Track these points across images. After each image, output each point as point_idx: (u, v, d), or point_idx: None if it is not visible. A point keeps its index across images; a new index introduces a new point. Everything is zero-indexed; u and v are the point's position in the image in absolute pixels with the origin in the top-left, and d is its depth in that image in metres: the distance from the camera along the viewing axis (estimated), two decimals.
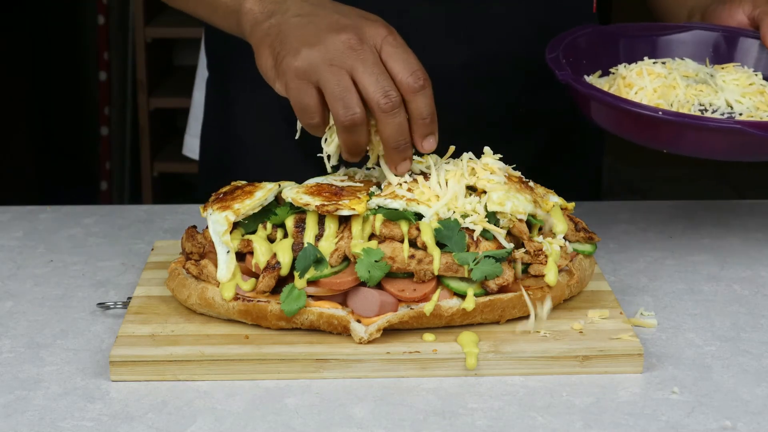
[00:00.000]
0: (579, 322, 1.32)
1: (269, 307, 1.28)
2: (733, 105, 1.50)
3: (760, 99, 1.52)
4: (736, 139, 1.39)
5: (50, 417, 1.18)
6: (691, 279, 1.51)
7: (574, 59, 1.53)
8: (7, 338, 1.34)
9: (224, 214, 1.32)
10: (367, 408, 1.20)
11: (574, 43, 1.55)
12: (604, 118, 1.47)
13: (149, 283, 1.41)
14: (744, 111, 1.50)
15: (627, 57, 1.60)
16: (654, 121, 1.40)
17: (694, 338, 1.35)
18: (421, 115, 1.27)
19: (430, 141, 1.29)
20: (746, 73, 1.56)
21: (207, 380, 1.25)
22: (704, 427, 1.17)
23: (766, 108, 1.51)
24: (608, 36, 1.62)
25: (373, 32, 1.28)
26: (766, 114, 1.49)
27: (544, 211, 1.37)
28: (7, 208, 1.73)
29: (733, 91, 1.52)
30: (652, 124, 1.40)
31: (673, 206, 1.76)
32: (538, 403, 1.21)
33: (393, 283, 1.29)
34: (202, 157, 1.87)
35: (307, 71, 1.26)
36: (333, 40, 1.27)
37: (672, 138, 1.42)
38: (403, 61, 1.27)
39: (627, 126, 1.45)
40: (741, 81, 1.54)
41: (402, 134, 1.27)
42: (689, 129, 1.39)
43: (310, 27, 1.29)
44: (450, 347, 1.26)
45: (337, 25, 1.28)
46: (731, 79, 1.55)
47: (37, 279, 1.50)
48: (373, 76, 1.25)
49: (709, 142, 1.41)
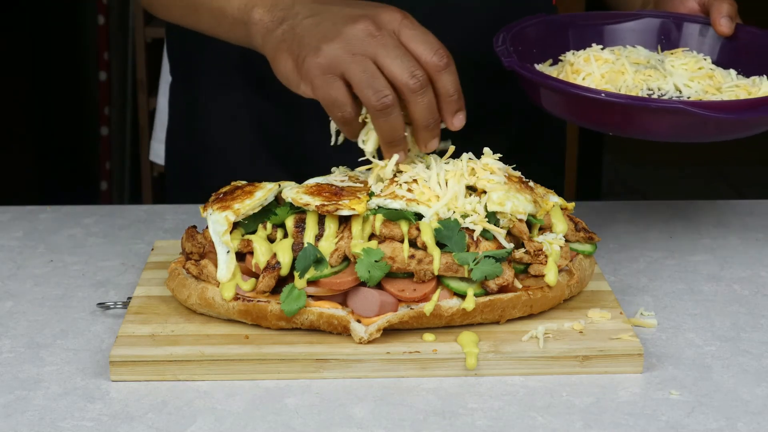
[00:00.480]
0: (579, 322, 1.32)
1: (269, 307, 1.28)
2: (682, 89, 1.50)
3: (708, 83, 1.52)
4: (680, 119, 1.38)
5: (50, 417, 1.18)
6: (691, 279, 1.51)
7: (524, 48, 1.53)
8: (7, 338, 1.34)
9: (224, 214, 1.32)
10: (367, 408, 1.20)
11: (523, 33, 1.55)
12: (551, 103, 1.47)
13: (149, 283, 1.41)
14: (692, 94, 1.50)
15: (576, 45, 1.61)
16: (598, 103, 1.39)
17: (694, 338, 1.35)
18: (449, 93, 1.28)
19: (460, 117, 1.30)
20: (695, 58, 1.57)
21: (207, 380, 1.25)
22: (704, 427, 1.17)
23: (714, 91, 1.50)
24: (558, 25, 1.62)
25: (388, 17, 1.29)
26: (713, 97, 1.49)
27: (544, 211, 1.37)
28: (7, 208, 1.73)
29: (681, 76, 1.52)
30: (597, 106, 1.40)
31: (673, 206, 1.76)
32: (538, 403, 1.21)
33: (393, 283, 1.29)
34: (168, 162, 1.87)
35: (331, 65, 1.26)
36: (351, 31, 1.27)
37: (617, 120, 1.41)
38: (424, 42, 1.28)
39: (573, 110, 1.44)
40: (689, 65, 1.55)
41: (432, 113, 1.28)
42: (633, 110, 1.39)
43: (325, 23, 1.29)
44: (450, 347, 1.26)
45: (352, 16, 1.29)
46: (680, 63, 1.55)
47: (37, 279, 1.50)
48: (397, 59, 1.26)
49: (654, 124, 1.41)
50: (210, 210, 1.34)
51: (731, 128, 1.42)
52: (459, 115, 1.30)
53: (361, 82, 1.26)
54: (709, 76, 1.53)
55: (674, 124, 1.40)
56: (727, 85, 1.52)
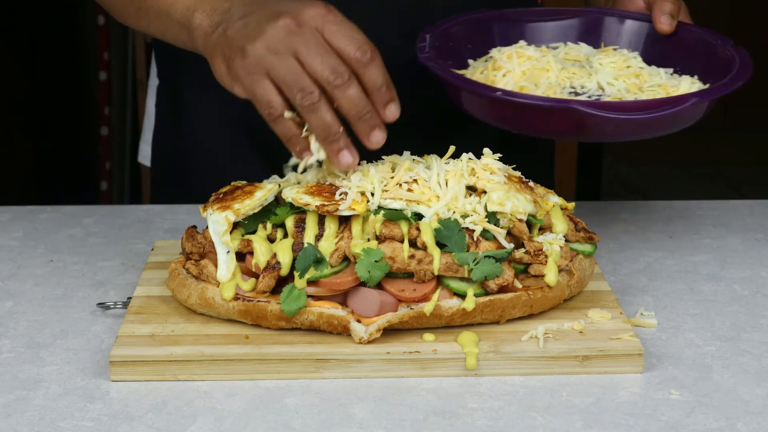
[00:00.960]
0: (579, 322, 1.32)
1: (269, 307, 1.28)
2: (605, 87, 1.49)
3: (634, 81, 1.50)
4: (575, 119, 1.37)
5: (50, 417, 1.18)
6: (691, 279, 1.51)
7: (455, 45, 1.52)
8: (7, 338, 1.34)
9: (224, 214, 1.32)
10: (367, 408, 1.20)
11: (449, 31, 1.54)
12: (457, 100, 1.47)
13: (149, 283, 1.41)
14: (614, 93, 1.49)
15: (502, 43, 1.60)
16: (495, 101, 1.39)
17: (694, 338, 1.35)
18: (376, 86, 1.28)
19: (392, 109, 1.30)
20: (624, 56, 1.56)
21: (207, 380, 1.25)
22: (704, 427, 1.17)
23: (636, 90, 1.49)
24: (485, 22, 1.61)
25: (311, 13, 1.29)
26: (633, 96, 1.48)
27: (544, 211, 1.37)
28: (7, 208, 1.73)
29: (606, 74, 1.51)
30: (495, 104, 1.40)
31: (673, 206, 1.76)
32: (538, 403, 1.21)
33: (393, 283, 1.29)
34: (154, 163, 1.87)
35: (256, 65, 1.27)
36: (272, 30, 1.28)
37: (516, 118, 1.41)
38: (347, 37, 1.28)
39: (476, 107, 1.44)
40: (618, 63, 1.54)
41: (360, 104, 1.27)
42: (527, 109, 1.38)
43: (252, 24, 1.30)
44: (450, 347, 1.26)
45: (275, 14, 1.29)
46: (608, 62, 1.54)
47: (37, 279, 1.50)
48: (318, 56, 1.26)
49: (552, 122, 1.40)
50: (210, 210, 1.34)
51: (632, 129, 1.40)
52: (391, 107, 1.30)
53: (286, 82, 1.26)
54: (636, 74, 1.52)
55: (571, 123, 1.39)
56: (649, 85, 1.50)
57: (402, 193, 1.31)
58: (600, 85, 1.50)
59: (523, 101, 1.38)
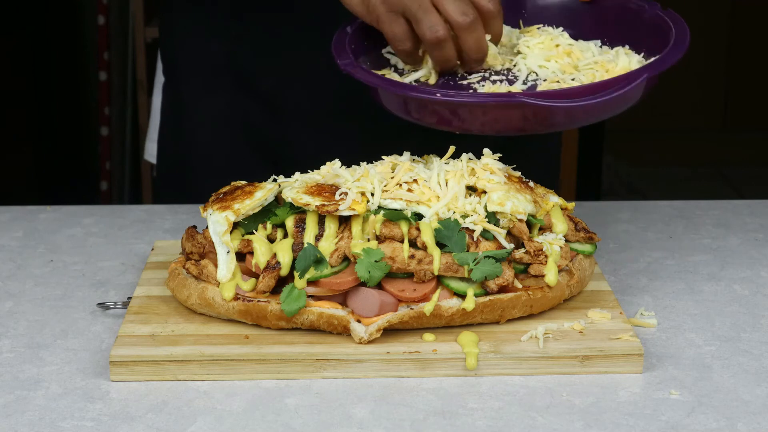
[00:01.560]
0: (579, 322, 1.32)
1: (269, 307, 1.28)
2: (537, 71, 1.42)
3: (567, 61, 1.43)
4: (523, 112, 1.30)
5: (50, 417, 1.18)
6: (691, 279, 1.51)
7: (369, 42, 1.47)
8: (7, 338, 1.34)
9: (224, 214, 1.32)
10: (367, 408, 1.20)
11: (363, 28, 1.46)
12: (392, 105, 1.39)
13: (149, 283, 1.41)
14: (549, 76, 1.41)
15: None
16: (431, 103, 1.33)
17: (694, 338, 1.35)
18: (497, 36, 1.40)
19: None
20: (551, 35, 1.47)
21: (207, 380, 1.25)
22: (704, 427, 1.17)
23: (572, 70, 1.41)
24: None
25: None
26: (570, 77, 1.40)
27: (544, 211, 1.37)
28: (7, 208, 1.73)
29: (536, 57, 1.44)
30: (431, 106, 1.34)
31: (673, 206, 1.76)
32: (538, 403, 1.21)
33: (393, 283, 1.29)
34: (159, 161, 1.88)
35: (393, 3, 1.37)
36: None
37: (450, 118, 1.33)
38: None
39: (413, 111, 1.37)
40: (546, 44, 1.46)
41: (479, 49, 1.38)
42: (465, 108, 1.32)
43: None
44: (450, 347, 1.26)
45: None
46: (536, 43, 1.46)
47: (37, 279, 1.50)
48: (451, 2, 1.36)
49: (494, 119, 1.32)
50: (210, 210, 1.34)
51: (585, 114, 1.33)
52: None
53: (418, 19, 1.36)
54: (567, 53, 1.44)
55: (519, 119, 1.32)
56: (585, 63, 1.42)
57: (402, 193, 1.31)
58: (530, 68, 1.43)
59: (466, 101, 1.31)
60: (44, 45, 4.27)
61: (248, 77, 1.70)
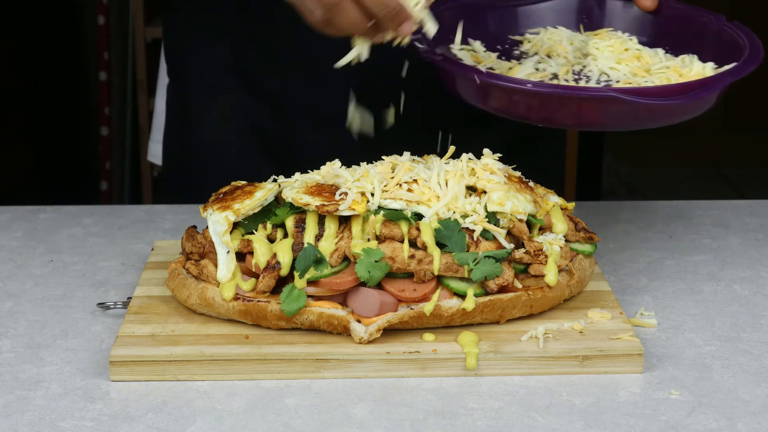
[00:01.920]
0: (579, 322, 1.32)
1: (269, 307, 1.28)
2: (608, 72, 1.45)
3: (636, 64, 1.45)
4: (613, 108, 1.32)
5: (50, 417, 1.18)
6: (691, 279, 1.51)
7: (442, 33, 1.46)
8: (7, 338, 1.34)
9: (224, 214, 1.32)
10: (367, 408, 1.20)
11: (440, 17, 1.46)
12: (474, 96, 1.41)
13: (149, 283, 1.41)
14: (621, 78, 1.44)
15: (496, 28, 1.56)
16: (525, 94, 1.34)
17: (694, 338, 1.35)
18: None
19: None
20: (620, 39, 1.51)
21: (207, 380, 1.25)
22: (704, 427, 1.17)
23: (642, 74, 1.44)
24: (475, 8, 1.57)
25: None
26: (642, 80, 1.43)
27: (544, 211, 1.37)
28: (7, 208, 1.73)
29: (607, 58, 1.46)
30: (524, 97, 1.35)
31: (673, 206, 1.76)
32: (538, 403, 1.21)
33: (393, 283, 1.29)
34: (166, 162, 1.88)
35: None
36: None
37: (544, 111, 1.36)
38: None
39: (500, 102, 1.38)
40: (615, 47, 1.49)
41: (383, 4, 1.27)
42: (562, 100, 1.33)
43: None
44: (450, 347, 1.26)
45: None
46: (605, 45, 1.49)
47: (37, 279, 1.50)
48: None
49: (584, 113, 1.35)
50: (210, 210, 1.34)
51: (666, 114, 1.36)
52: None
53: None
54: (637, 57, 1.47)
55: (606, 113, 1.34)
56: (657, 67, 1.45)
57: (402, 193, 1.31)
58: (602, 70, 1.45)
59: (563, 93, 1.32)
60: (44, 45, 4.27)
61: (254, 78, 1.69)
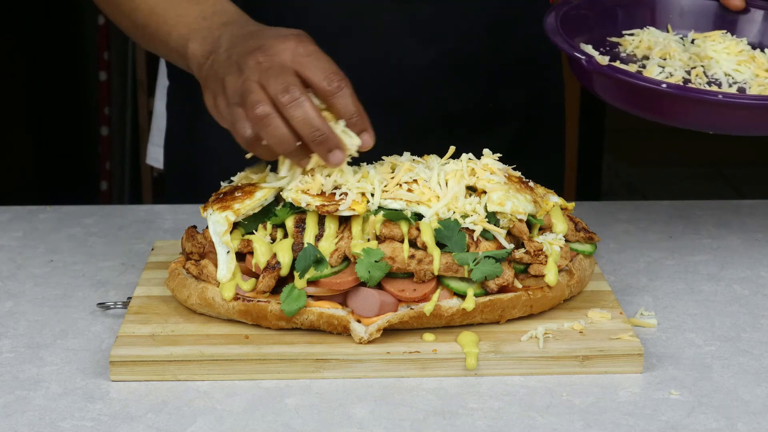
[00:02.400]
0: (579, 322, 1.32)
1: (269, 307, 1.28)
2: (733, 75, 1.45)
3: (753, 66, 1.47)
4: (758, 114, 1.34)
5: (50, 417, 1.18)
6: (691, 279, 1.51)
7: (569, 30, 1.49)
8: (7, 338, 1.34)
9: (224, 214, 1.32)
10: (367, 408, 1.20)
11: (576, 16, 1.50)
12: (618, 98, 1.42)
13: (149, 283, 1.41)
14: (748, 80, 1.45)
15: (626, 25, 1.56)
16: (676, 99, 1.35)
17: (694, 338, 1.35)
18: (348, 114, 1.27)
19: (366, 138, 1.29)
20: (734, 41, 1.51)
21: (207, 380, 1.25)
22: (704, 427, 1.17)
23: (765, 75, 1.45)
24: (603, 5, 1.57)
25: (282, 47, 1.29)
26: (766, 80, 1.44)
27: (544, 211, 1.37)
28: (7, 208, 1.73)
29: (728, 61, 1.47)
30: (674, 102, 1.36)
31: (673, 206, 1.76)
32: (538, 403, 1.21)
33: (393, 283, 1.29)
34: (168, 166, 1.87)
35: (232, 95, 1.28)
36: (247, 66, 1.28)
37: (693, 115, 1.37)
38: (315, 68, 1.27)
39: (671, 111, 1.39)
40: (731, 49, 1.49)
41: (311, 126, 1.25)
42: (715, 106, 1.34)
43: (233, 57, 1.31)
44: (450, 347, 1.26)
45: (251, 50, 1.29)
46: (722, 48, 1.49)
47: (37, 279, 1.50)
48: (277, 80, 1.26)
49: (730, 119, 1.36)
50: (210, 210, 1.34)
51: None
52: (364, 136, 1.29)
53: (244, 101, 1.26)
54: (752, 58, 1.48)
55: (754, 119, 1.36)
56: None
57: (402, 194, 1.31)
58: (726, 72, 1.45)
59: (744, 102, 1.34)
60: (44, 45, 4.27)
61: None
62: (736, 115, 1.37)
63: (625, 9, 1.59)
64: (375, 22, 1.60)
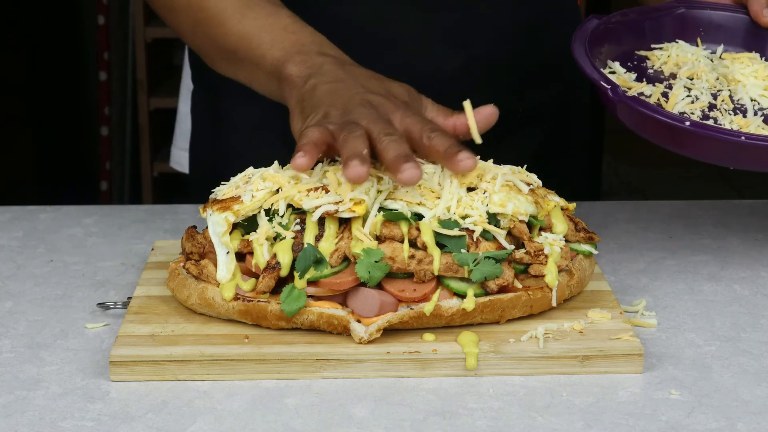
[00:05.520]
0: (579, 322, 1.32)
1: (269, 307, 1.28)
2: (759, 100, 1.42)
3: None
4: None
5: (50, 417, 1.18)
6: (691, 279, 1.51)
7: (592, 48, 1.47)
8: (7, 338, 1.34)
9: (224, 215, 1.32)
10: (367, 408, 1.20)
11: (594, 36, 1.47)
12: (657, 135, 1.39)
13: (149, 283, 1.41)
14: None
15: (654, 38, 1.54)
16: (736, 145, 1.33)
17: (694, 338, 1.35)
18: (444, 146, 1.28)
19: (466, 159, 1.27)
20: (763, 65, 1.48)
21: (207, 380, 1.25)
22: (704, 427, 1.17)
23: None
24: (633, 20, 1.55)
25: (391, 106, 1.32)
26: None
27: (545, 212, 1.37)
28: (7, 208, 1.73)
29: (755, 86, 1.43)
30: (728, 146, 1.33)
31: (673, 206, 1.76)
32: (538, 403, 1.21)
33: (393, 283, 1.29)
34: (193, 170, 1.87)
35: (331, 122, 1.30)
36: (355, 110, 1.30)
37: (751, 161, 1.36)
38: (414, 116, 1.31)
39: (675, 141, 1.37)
40: (759, 73, 1.46)
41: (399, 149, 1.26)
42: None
43: (340, 92, 1.33)
44: (450, 347, 1.26)
45: (363, 96, 1.32)
46: (750, 72, 1.46)
47: (37, 279, 1.50)
48: (379, 123, 1.28)
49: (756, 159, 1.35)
50: (209, 211, 1.34)
51: None
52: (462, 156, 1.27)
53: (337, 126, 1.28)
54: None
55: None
56: None
57: (402, 194, 1.31)
58: (753, 98, 1.42)
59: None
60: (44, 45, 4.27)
61: None
62: (758, 155, 1.35)
63: (655, 20, 1.57)
64: (404, 30, 1.61)
